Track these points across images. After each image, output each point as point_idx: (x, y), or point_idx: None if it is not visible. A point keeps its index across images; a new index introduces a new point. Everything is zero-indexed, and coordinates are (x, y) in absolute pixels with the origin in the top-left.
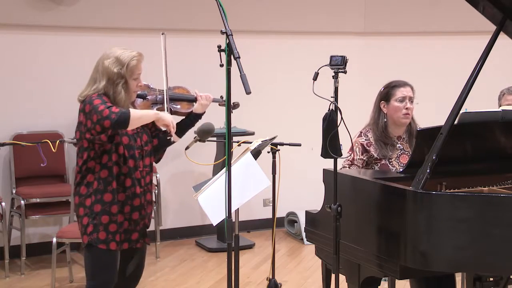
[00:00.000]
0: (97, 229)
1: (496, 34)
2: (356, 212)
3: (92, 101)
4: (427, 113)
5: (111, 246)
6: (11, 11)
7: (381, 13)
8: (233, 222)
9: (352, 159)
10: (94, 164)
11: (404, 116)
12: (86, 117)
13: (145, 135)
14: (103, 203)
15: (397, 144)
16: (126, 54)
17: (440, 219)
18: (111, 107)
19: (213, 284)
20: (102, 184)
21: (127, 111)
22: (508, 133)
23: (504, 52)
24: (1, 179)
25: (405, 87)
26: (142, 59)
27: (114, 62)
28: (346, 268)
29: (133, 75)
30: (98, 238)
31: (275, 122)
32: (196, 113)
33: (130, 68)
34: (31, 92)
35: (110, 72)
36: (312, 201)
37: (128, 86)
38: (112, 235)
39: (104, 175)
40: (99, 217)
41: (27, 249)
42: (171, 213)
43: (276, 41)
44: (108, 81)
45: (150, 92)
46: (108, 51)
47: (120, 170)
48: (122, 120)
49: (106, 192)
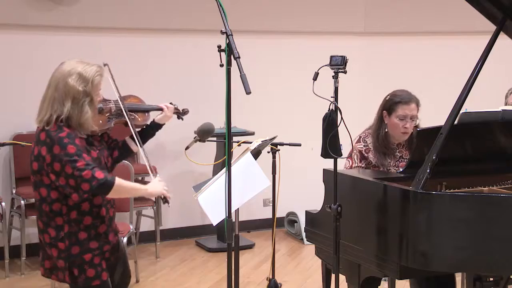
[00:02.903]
0: (83, 269)
1: (496, 34)
2: (356, 212)
3: (64, 145)
4: (427, 113)
5: (103, 277)
6: (11, 11)
7: (381, 13)
8: (233, 222)
9: (350, 166)
10: (60, 206)
11: (401, 135)
12: (51, 157)
13: (105, 151)
14: (80, 243)
15: (396, 152)
16: (88, 69)
17: (440, 219)
18: (94, 170)
19: (213, 284)
20: (74, 225)
21: (112, 179)
22: (508, 133)
23: (504, 52)
24: (1, 179)
25: (409, 105)
26: (103, 72)
27: (78, 79)
28: (346, 268)
29: (97, 91)
30: (88, 277)
31: (275, 122)
32: (158, 123)
33: (95, 84)
34: (31, 92)
35: (75, 91)
36: (312, 201)
37: (93, 103)
38: (99, 266)
39: (73, 216)
40: (80, 257)
41: (27, 249)
42: (171, 213)
43: (276, 41)
44: (73, 102)
45: (105, 105)
46: (66, 67)
47: (92, 203)
48: (103, 188)
49: (80, 231)
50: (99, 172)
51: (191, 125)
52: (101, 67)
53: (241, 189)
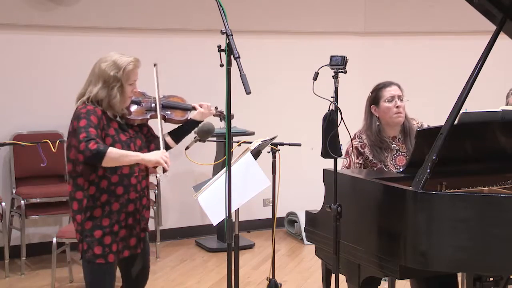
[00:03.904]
0: (92, 245)
1: (496, 34)
2: (356, 212)
3: (79, 119)
4: (427, 113)
5: (109, 259)
6: (11, 11)
7: (381, 13)
8: (233, 222)
9: (349, 164)
10: (83, 181)
11: (396, 115)
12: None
13: (139, 140)
14: (93, 219)
15: (392, 145)
16: (124, 58)
17: (440, 219)
18: (90, 141)
19: (213, 284)
20: (91, 200)
21: (104, 149)
22: (508, 133)
23: (504, 52)
24: (1, 179)
25: (391, 87)
26: (139, 64)
27: (111, 65)
28: (346, 268)
29: (129, 80)
30: (94, 254)
31: (275, 122)
32: (194, 120)
33: (127, 72)
34: (31, 92)
35: (106, 75)
36: (312, 201)
37: (124, 90)
38: (108, 247)
39: (92, 191)
40: (91, 233)
41: (27, 249)
42: (171, 213)
43: (276, 41)
44: (104, 84)
45: (144, 99)
46: (106, 55)
47: (110, 181)
48: (96, 158)
49: (96, 208)
50: (93, 143)
51: None
52: (137, 59)
53: (241, 189)
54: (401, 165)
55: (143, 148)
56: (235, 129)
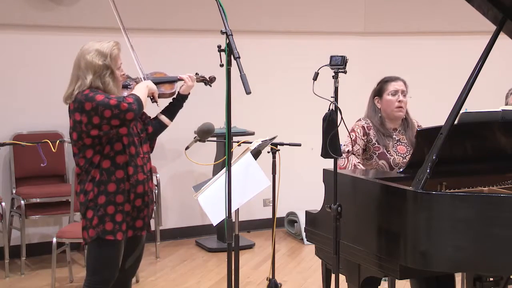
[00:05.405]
0: (103, 220)
1: (496, 34)
2: (356, 212)
3: (92, 97)
4: (427, 113)
5: (118, 237)
6: (11, 11)
7: (381, 13)
8: (233, 222)
9: (354, 139)
10: (99, 157)
11: (397, 109)
12: (87, 115)
13: (139, 123)
14: (107, 193)
15: (393, 135)
16: (105, 45)
17: (440, 219)
18: (123, 100)
19: (213, 284)
20: (105, 174)
21: (134, 96)
22: (508, 133)
23: (504, 52)
24: (1, 179)
25: (397, 81)
26: (120, 46)
27: (97, 55)
28: (346, 268)
29: (117, 65)
30: (105, 229)
31: (275, 122)
32: (183, 94)
33: (114, 57)
34: (31, 92)
35: (96, 65)
36: (312, 201)
37: (115, 76)
38: (118, 225)
39: (106, 165)
40: (104, 208)
41: (27, 249)
42: (171, 213)
43: (276, 41)
44: (95, 75)
45: (132, 82)
46: (85, 47)
47: (123, 159)
48: (141, 106)
49: (110, 182)
50: (127, 99)
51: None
52: (117, 42)
53: (241, 189)
54: (402, 153)
55: (143, 131)
56: (235, 129)
